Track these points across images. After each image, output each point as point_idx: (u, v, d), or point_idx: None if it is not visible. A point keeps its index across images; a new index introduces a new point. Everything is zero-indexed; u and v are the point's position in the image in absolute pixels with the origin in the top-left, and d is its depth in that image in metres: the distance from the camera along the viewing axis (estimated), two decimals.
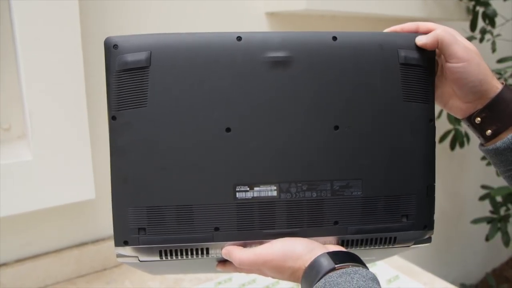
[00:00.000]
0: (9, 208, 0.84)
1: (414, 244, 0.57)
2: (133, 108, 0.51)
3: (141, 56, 0.50)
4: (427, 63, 0.55)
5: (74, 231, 1.01)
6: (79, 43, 0.86)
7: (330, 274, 0.46)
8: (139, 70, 0.51)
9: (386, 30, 0.57)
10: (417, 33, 0.56)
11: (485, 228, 1.74)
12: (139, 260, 0.53)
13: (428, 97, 0.55)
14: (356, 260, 0.49)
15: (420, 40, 0.54)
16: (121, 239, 0.52)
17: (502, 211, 1.71)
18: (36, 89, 0.84)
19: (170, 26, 1.02)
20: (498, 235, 1.67)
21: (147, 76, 0.51)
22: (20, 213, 0.87)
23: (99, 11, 0.94)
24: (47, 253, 0.98)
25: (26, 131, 0.89)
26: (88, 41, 0.89)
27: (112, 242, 0.52)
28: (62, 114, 0.87)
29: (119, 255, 0.53)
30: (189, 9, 1.05)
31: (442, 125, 1.63)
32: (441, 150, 1.74)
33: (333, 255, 0.49)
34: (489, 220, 1.70)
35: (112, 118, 0.51)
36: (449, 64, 0.54)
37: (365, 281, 0.45)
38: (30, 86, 0.83)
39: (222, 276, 0.99)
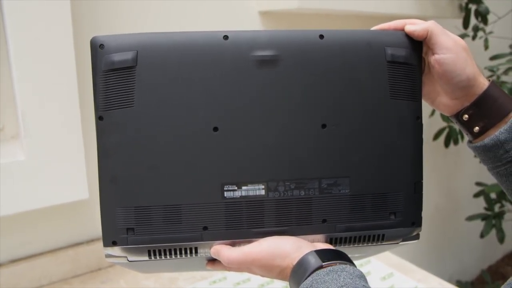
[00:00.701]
0: (3, 209, 0.84)
1: (402, 241, 0.57)
2: (120, 108, 0.51)
3: (128, 55, 0.50)
4: (414, 61, 0.55)
5: (69, 231, 1.01)
6: (71, 43, 0.86)
7: (318, 272, 0.47)
8: (125, 70, 0.50)
9: (374, 28, 0.58)
10: (403, 30, 0.56)
11: (480, 225, 1.74)
12: (128, 260, 0.53)
13: (416, 95, 0.55)
14: (344, 258, 0.49)
15: (410, 28, 0.54)
16: (109, 240, 0.52)
17: (497, 208, 1.72)
18: (28, 89, 0.84)
19: (161, 25, 1.02)
20: (493, 232, 1.68)
21: (133, 76, 0.51)
22: (14, 214, 0.87)
23: (92, 11, 0.94)
24: (42, 253, 0.98)
25: (19, 132, 0.89)
26: (81, 41, 0.89)
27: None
28: (55, 114, 0.87)
29: (108, 255, 0.53)
30: (181, 8, 1.05)
31: (436, 123, 1.63)
32: (436, 147, 1.74)
33: (320, 253, 0.49)
34: (483, 217, 1.70)
35: (99, 118, 0.51)
36: (437, 56, 0.54)
37: (352, 278, 0.45)
38: (22, 86, 0.83)
39: (216, 275, 0.99)
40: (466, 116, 0.56)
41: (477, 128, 0.56)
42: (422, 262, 1.27)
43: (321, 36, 0.53)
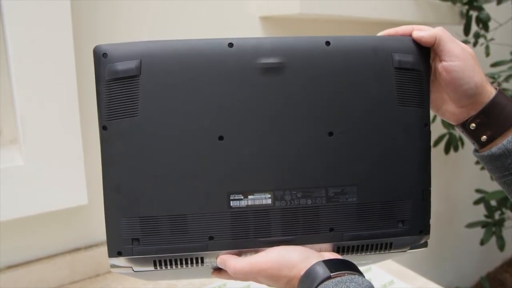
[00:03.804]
0: (1, 214, 0.83)
1: (410, 249, 0.56)
2: (124, 117, 0.50)
3: (131, 64, 0.50)
4: (422, 67, 0.54)
5: (67, 237, 1.00)
6: (71, 48, 0.85)
7: (326, 282, 0.46)
8: (129, 79, 0.50)
9: (380, 33, 0.57)
10: (411, 36, 0.55)
11: (479, 232, 1.74)
12: (133, 270, 0.53)
13: (423, 102, 0.55)
14: (352, 268, 0.49)
15: (417, 34, 0.54)
16: (114, 250, 0.51)
17: (497, 215, 1.72)
18: (27, 93, 0.83)
19: (163, 31, 1.01)
20: (492, 239, 1.68)
21: (137, 85, 0.50)
22: (12, 219, 0.86)
23: (92, 15, 0.93)
24: (39, 259, 0.96)
25: (18, 136, 0.88)
26: (81, 46, 0.88)
27: (105, 248, 0.52)
28: (54, 119, 0.86)
29: (113, 266, 0.52)
30: (183, 13, 1.04)
31: (436, 129, 1.63)
32: (436, 154, 1.73)
33: (328, 263, 0.48)
34: (483, 224, 1.70)
35: (103, 128, 0.50)
36: (445, 63, 0.54)
37: None
38: (21, 90, 0.82)
39: (216, 282, 0.98)
40: (473, 125, 0.56)
41: (484, 137, 0.56)
42: (421, 269, 1.27)
43: (327, 43, 0.52)
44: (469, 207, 1.79)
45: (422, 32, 0.54)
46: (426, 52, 0.55)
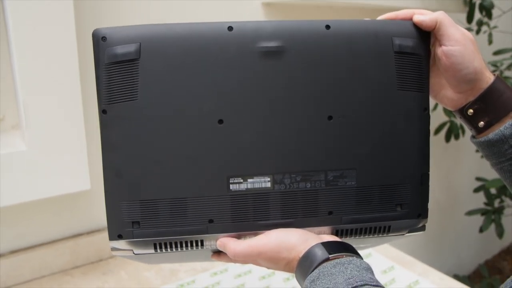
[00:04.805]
0: (4, 199, 0.84)
1: (408, 232, 0.57)
2: (124, 101, 0.50)
3: (131, 48, 0.50)
4: (422, 52, 0.54)
5: (69, 222, 1.01)
6: (73, 35, 0.85)
7: (324, 264, 0.46)
8: (128, 63, 0.50)
9: (380, 17, 0.57)
10: (411, 20, 0.55)
11: (478, 219, 1.75)
12: (133, 253, 0.53)
13: (423, 86, 0.55)
14: (350, 250, 0.49)
15: (418, 18, 0.54)
16: (115, 233, 0.51)
17: (496, 203, 1.72)
18: (30, 80, 0.83)
19: (163, 16, 1.01)
20: (491, 227, 1.69)
21: (137, 68, 0.50)
22: (15, 204, 0.87)
23: (94, 3, 0.93)
24: (42, 244, 0.97)
25: (20, 122, 0.88)
26: (83, 32, 0.88)
27: (107, 233, 0.52)
28: (57, 104, 0.86)
29: (113, 249, 0.53)
30: None
31: (437, 117, 1.63)
32: (436, 142, 1.74)
33: (327, 245, 0.49)
34: (483, 212, 1.71)
35: (102, 112, 0.50)
36: (444, 48, 0.54)
37: (359, 271, 0.45)
38: (23, 76, 0.82)
39: (217, 266, 0.99)
40: (471, 110, 0.56)
41: (482, 123, 0.56)
42: (421, 256, 1.28)
43: (327, 27, 0.52)
44: (469, 195, 1.80)
45: (423, 16, 0.54)
46: (426, 37, 0.55)
